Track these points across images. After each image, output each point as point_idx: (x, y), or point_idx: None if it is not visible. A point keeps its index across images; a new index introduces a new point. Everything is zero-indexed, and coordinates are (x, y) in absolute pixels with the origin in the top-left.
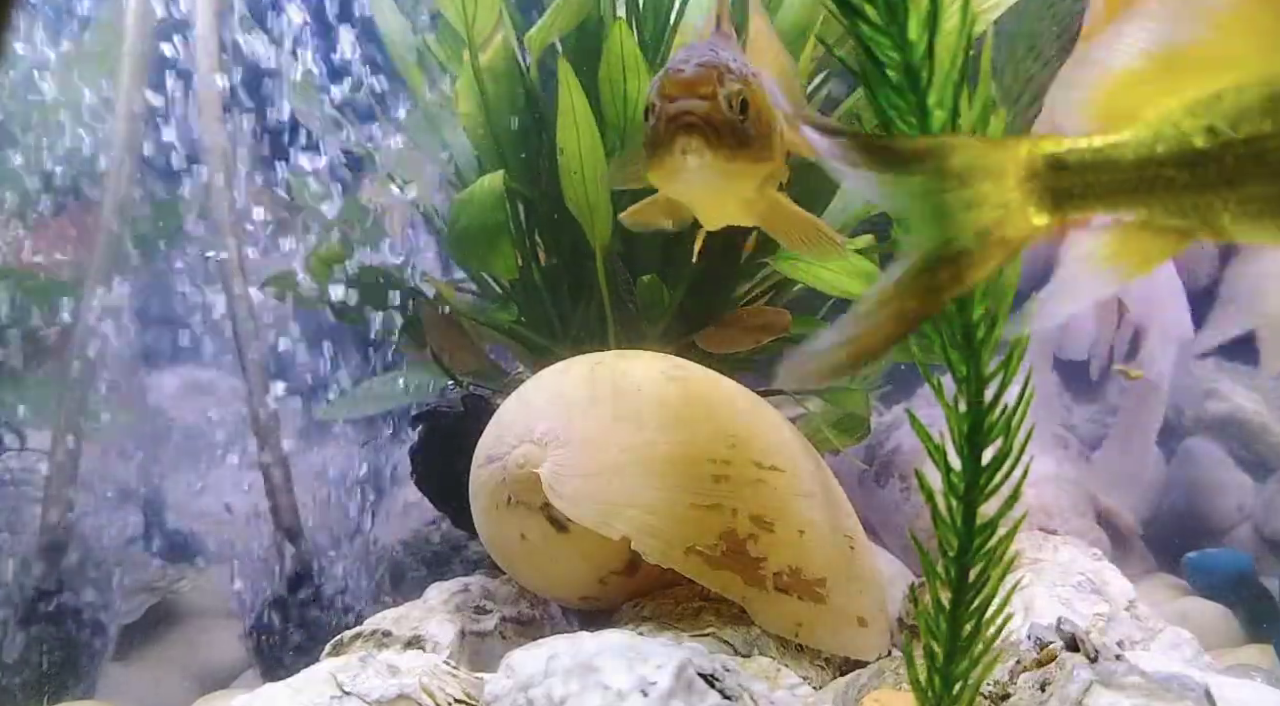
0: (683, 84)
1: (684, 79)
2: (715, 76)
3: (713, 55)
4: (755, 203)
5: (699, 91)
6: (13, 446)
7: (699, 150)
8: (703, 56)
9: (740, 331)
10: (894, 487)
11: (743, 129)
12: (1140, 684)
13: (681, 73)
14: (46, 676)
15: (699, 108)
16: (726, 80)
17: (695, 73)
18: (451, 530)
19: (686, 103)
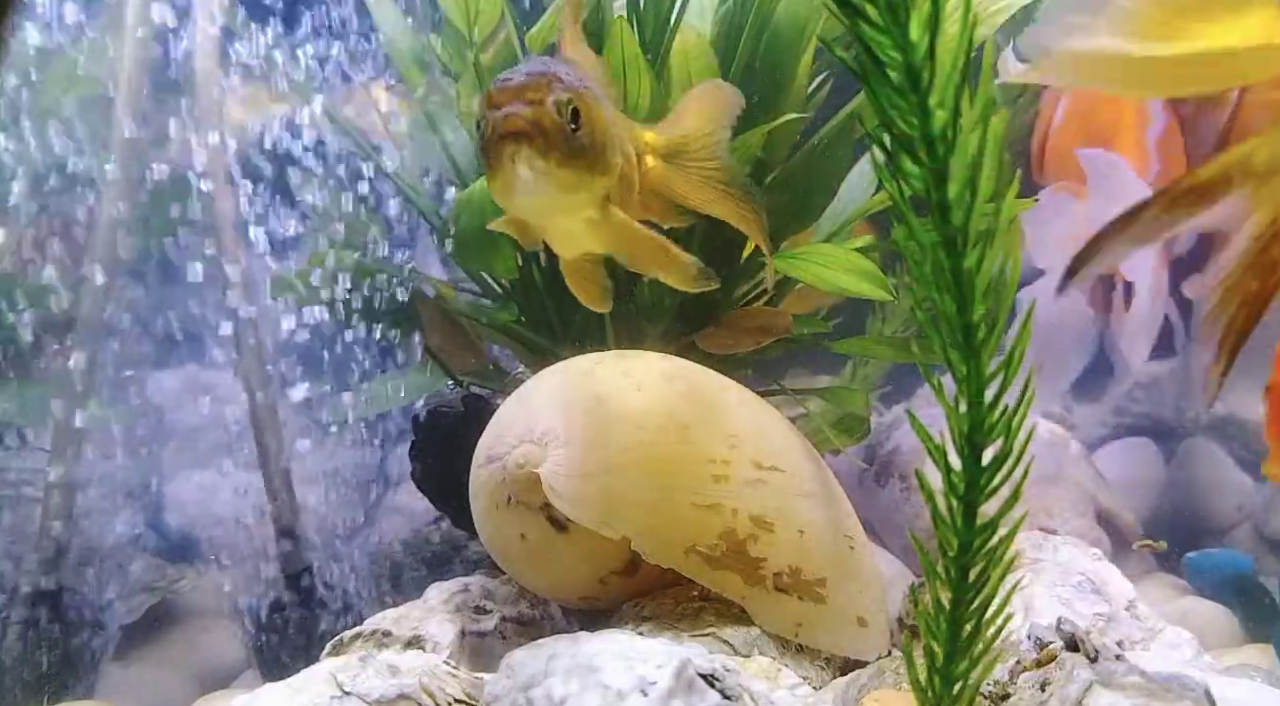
0: (509, 91)
1: (511, 86)
2: (543, 83)
3: (543, 66)
4: (601, 224)
5: (525, 97)
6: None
7: (528, 158)
8: (532, 67)
9: (740, 332)
10: (894, 487)
11: (574, 138)
12: (1140, 684)
13: (509, 81)
14: (46, 676)
15: (525, 113)
16: (555, 88)
17: (522, 80)
18: (451, 530)
19: (513, 108)
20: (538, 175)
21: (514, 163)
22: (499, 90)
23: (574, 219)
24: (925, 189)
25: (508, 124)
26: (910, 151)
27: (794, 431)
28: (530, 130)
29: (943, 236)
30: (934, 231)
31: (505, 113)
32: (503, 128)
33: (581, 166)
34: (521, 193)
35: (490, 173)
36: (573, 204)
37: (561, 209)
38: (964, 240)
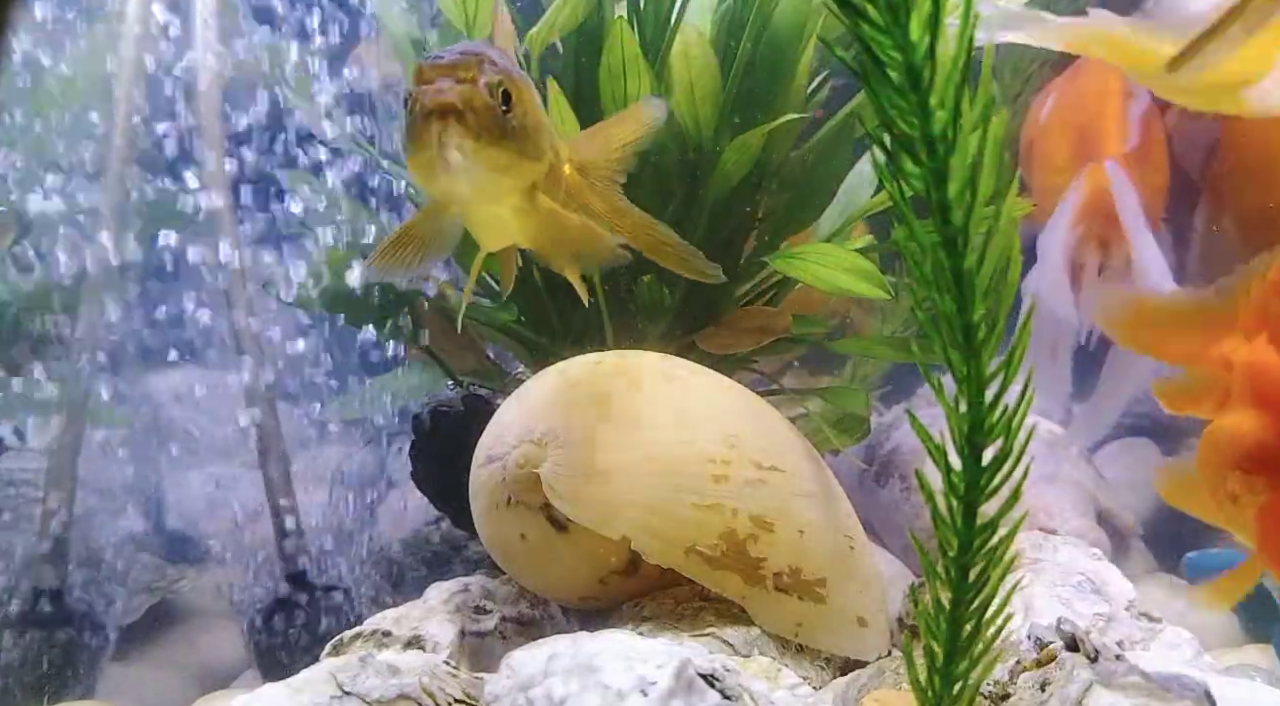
0: (440, 68)
1: (442, 63)
2: (475, 63)
3: (476, 47)
4: (530, 213)
5: (457, 75)
6: (13, 446)
7: (459, 138)
8: (465, 46)
9: (740, 331)
10: (894, 487)
11: (504, 120)
12: (1140, 684)
13: (440, 58)
14: (46, 676)
15: (458, 92)
16: (488, 68)
17: (455, 58)
18: (451, 530)
19: (444, 85)
20: (466, 155)
21: (442, 141)
22: (430, 66)
23: (500, 206)
24: (925, 189)
25: (437, 100)
26: (910, 151)
27: (794, 431)
28: (461, 108)
29: (943, 236)
30: (934, 231)
31: (435, 89)
32: (431, 104)
33: (511, 149)
34: (447, 172)
35: (414, 151)
36: (500, 188)
37: (488, 193)
38: (964, 240)
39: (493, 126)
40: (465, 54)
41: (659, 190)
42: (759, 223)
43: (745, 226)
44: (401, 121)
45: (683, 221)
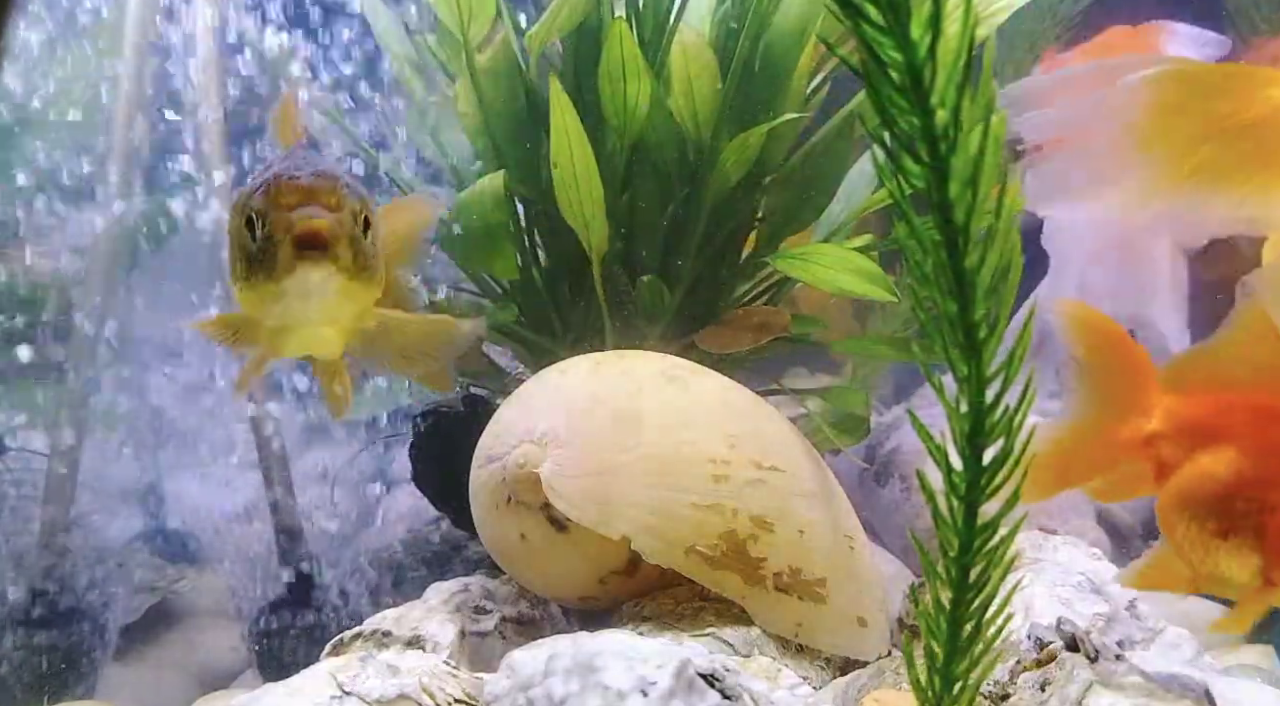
0: (305, 192)
1: (302, 185)
2: (338, 187)
3: (328, 166)
4: (362, 324)
5: (323, 201)
6: (13, 446)
7: (327, 272)
8: (315, 164)
9: (740, 331)
10: (894, 487)
11: (366, 249)
12: (1140, 684)
13: (298, 180)
14: (46, 676)
15: (326, 221)
16: (349, 194)
17: (316, 181)
18: (451, 530)
19: (310, 212)
20: (329, 285)
21: (306, 272)
22: (288, 188)
23: (336, 324)
24: (926, 188)
25: (307, 229)
26: (911, 150)
27: (794, 431)
28: (330, 240)
29: (944, 235)
30: (935, 230)
31: (303, 216)
32: (301, 233)
33: (368, 277)
34: (303, 302)
35: (264, 278)
36: (345, 312)
37: (330, 318)
38: (965, 239)
39: (358, 258)
40: (322, 176)
41: (659, 190)
42: (759, 223)
43: (745, 226)
44: (241, 242)
45: (683, 221)
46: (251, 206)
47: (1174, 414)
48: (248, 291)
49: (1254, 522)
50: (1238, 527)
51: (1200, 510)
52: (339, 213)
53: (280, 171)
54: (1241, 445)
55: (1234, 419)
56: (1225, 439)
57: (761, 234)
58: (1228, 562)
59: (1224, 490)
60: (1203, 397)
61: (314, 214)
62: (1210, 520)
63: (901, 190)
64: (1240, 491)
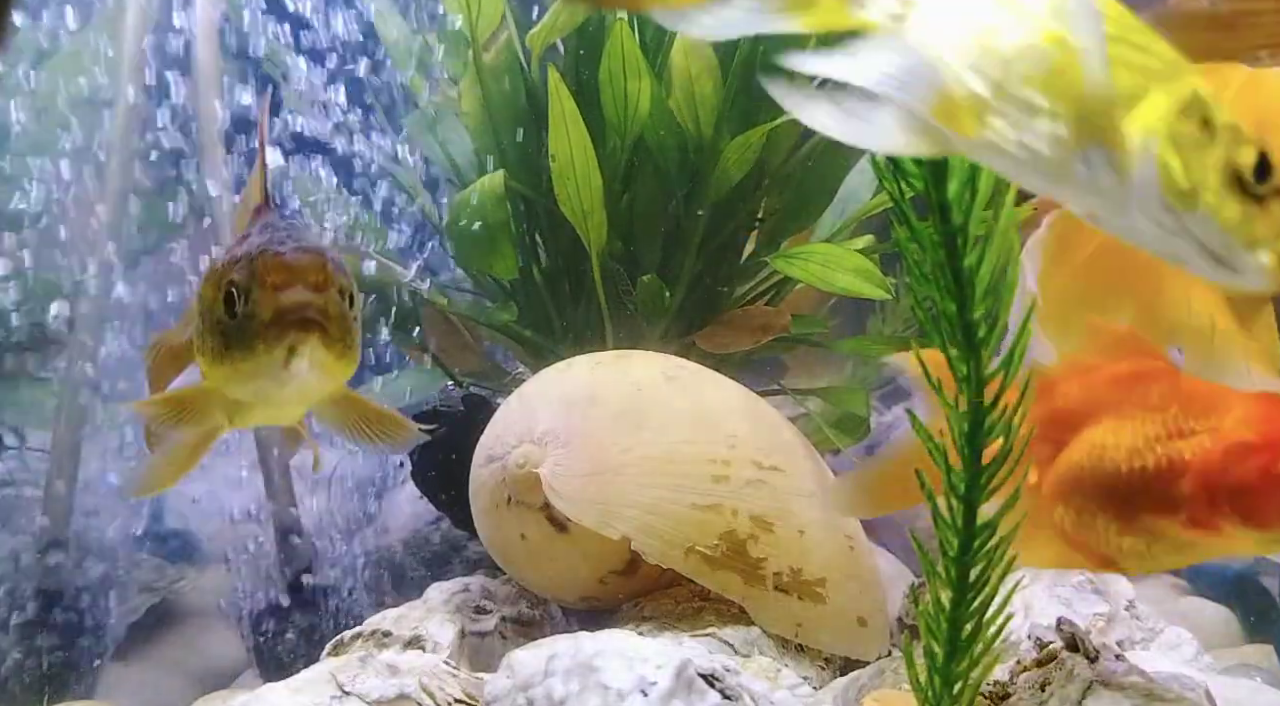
0: (293, 270)
1: (288, 263)
2: (324, 265)
3: (312, 242)
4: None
5: (312, 280)
6: (13, 446)
7: (313, 350)
8: (297, 238)
9: (740, 331)
10: None
11: (352, 325)
12: (1140, 684)
13: (285, 256)
14: (47, 676)
15: (316, 302)
16: (335, 270)
17: (302, 258)
18: (451, 530)
19: (300, 294)
20: (315, 366)
21: (294, 353)
22: (275, 264)
23: (308, 399)
24: (925, 188)
25: (298, 309)
26: None
27: (794, 431)
28: (321, 321)
29: (942, 236)
30: (934, 231)
31: (293, 299)
32: (292, 313)
33: (350, 354)
34: (285, 381)
35: (247, 356)
36: (323, 389)
37: (315, 395)
38: (964, 239)
39: (346, 337)
40: (308, 253)
41: (660, 190)
42: (759, 223)
43: (746, 226)
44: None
45: (683, 221)
46: (234, 281)
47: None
48: (221, 367)
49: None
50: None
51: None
52: (326, 292)
53: (264, 245)
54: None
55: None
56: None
57: (762, 234)
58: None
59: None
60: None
61: (303, 294)
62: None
63: (901, 191)
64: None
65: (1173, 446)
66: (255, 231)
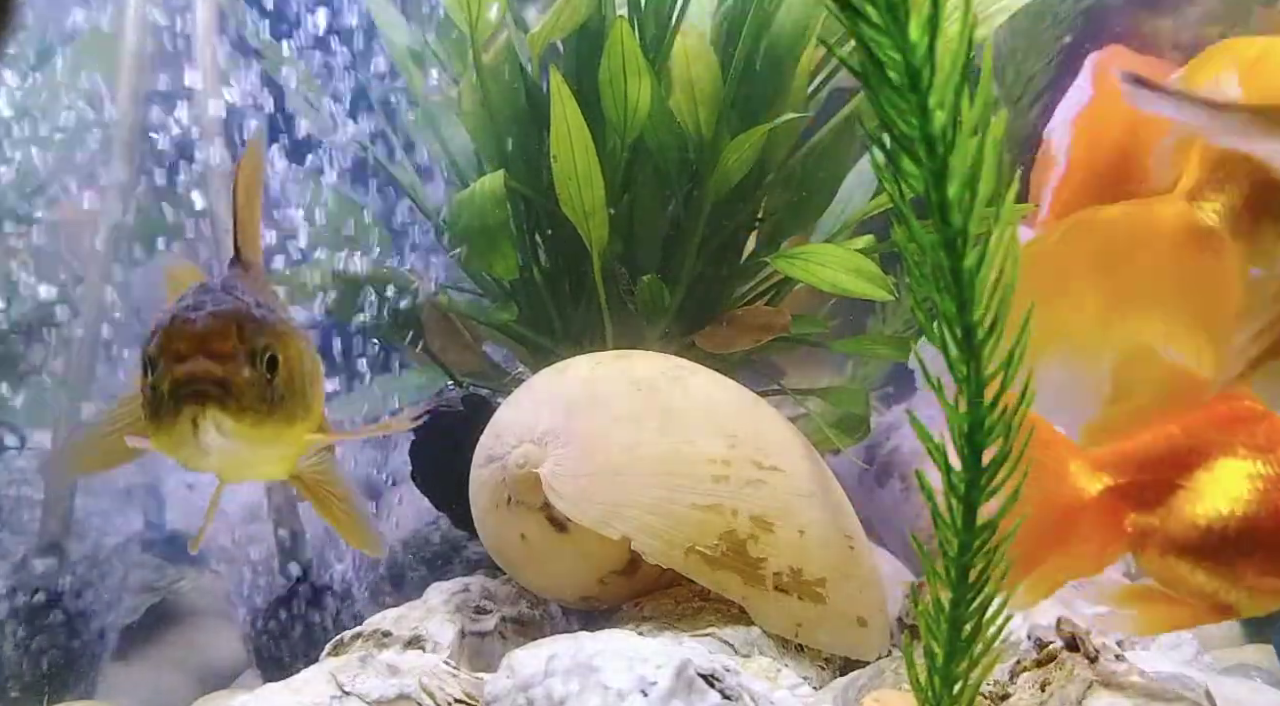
0: (193, 338)
1: (195, 332)
2: (232, 328)
3: (231, 300)
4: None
5: (213, 348)
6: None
7: (214, 421)
8: (219, 302)
9: (740, 331)
10: (894, 487)
11: (271, 390)
12: (1140, 684)
13: (190, 323)
14: (47, 676)
15: (213, 371)
16: (248, 331)
17: (208, 324)
18: (451, 530)
19: (197, 365)
20: (226, 435)
21: (196, 426)
22: (177, 333)
23: (263, 463)
24: (925, 189)
25: (187, 381)
26: (910, 151)
27: (794, 431)
28: (219, 391)
29: (943, 237)
30: (934, 232)
31: (187, 370)
32: (181, 384)
33: (278, 418)
34: (201, 451)
35: (160, 428)
36: (267, 457)
37: (258, 463)
38: (964, 240)
39: (257, 402)
40: (219, 316)
41: (660, 190)
42: (759, 223)
43: (745, 226)
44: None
45: (683, 221)
46: (147, 351)
47: (1119, 463)
48: (156, 440)
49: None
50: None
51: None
52: (231, 359)
53: (177, 311)
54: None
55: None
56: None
57: (762, 234)
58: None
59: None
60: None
61: (201, 364)
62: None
63: (900, 191)
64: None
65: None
66: (191, 296)
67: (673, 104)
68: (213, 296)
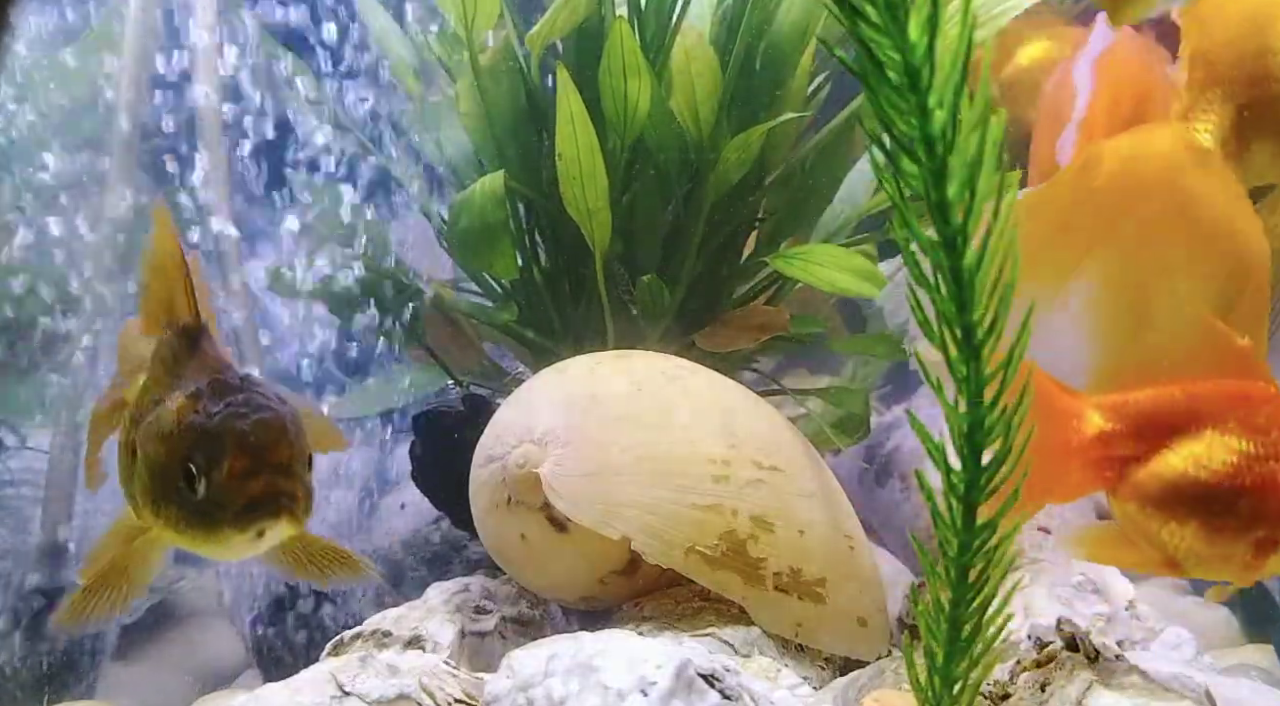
0: (256, 454)
1: (255, 444)
2: (285, 432)
3: (270, 405)
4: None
5: (277, 460)
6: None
7: (277, 530)
8: (256, 402)
9: (740, 331)
10: (894, 487)
11: (311, 486)
12: (1140, 684)
13: (245, 433)
14: (46, 676)
15: (285, 487)
16: (295, 436)
17: (265, 434)
18: (451, 530)
19: (272, 482)
20: (276, 538)
21: (261, 535)
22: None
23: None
24: (924, 189)
25: (266, 500)
26: (909, 151)
27: (794, 431)
28: (288, 505)
29: (942, 236)
30: (934, 231)
31: (264, 489)
32: (260, 500)
33: (308, 511)
34: (250, 552)
35: (202, 530)
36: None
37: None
38: (963, 240)
39: (309, 505)
40: (268, 421)
41: (659, 190)
42: (759, 223)
43: (745, 226)
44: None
45: (683, 221)
46: (193, 461)
47: (1120, 412)
48: (176, 534)
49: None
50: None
51: (1184, 504)
52: (292, 472)
53: (222, 420)
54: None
55: (1186, 407)
56: (1181, 428)
57: (762, 234)
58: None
59: (1209, 481)
60: (1144, 392)
61: (273, 479)
62: (1197, 511)
63: (900, 191)
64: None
65: (1268, 468)
66: (200, 380)
67: (672, 104)
68: (247, 397)
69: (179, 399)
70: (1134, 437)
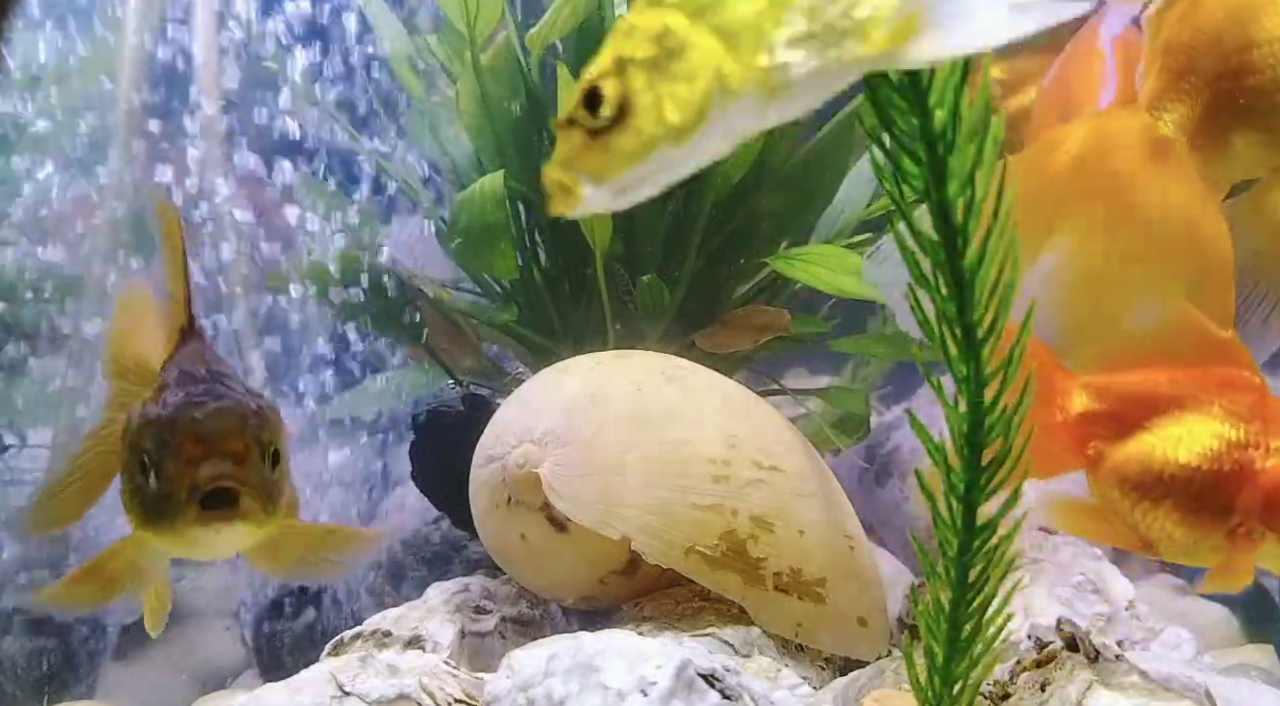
0: (204, 440)
1: (205, 431)
2: (242, 423)
3: (231, 394)
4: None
5: (229, 448)
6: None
7: (233, 525)
8: (217, 393)
9: (740, 331)
10: (894, 487)
11: (276, 485)
12: (1140, 684)
13: (197, 421)
14: (46, 676)
15: (233, 474)
16: (253, 426)
17: (219, 422)
18: (451, 530)
19: (215, 468)
20: (236, 534)
21: (215, 528)
22: (187, 435)
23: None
24: (925, 188)
25: (212, 485)
26: (909, 151)
27: (794, 431)
28: (239, 498)
29: (942, 236)
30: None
31: (210, 475)
32: (205, 489)
33: (276, 507)
34: (211, 548)
35: (164, 525)
36: (254, 538)
37: (244, 546)
38: (964, 240)
39: (268, 498)
40: (224, 412)
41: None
42: (759, 223)
43: (745, 226)
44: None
45: (683, 221)
46: (145, 449)
47: (1104, 393)
48: (147, 530)
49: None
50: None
51: (1159, 486)
52: (246, 462)
53: (176, 408)
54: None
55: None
56: (1163, 412)
57: (762, 234)
58: (1194, 531)
59: (1186, 465)
60: (1124, 376)
61: (218, 472)
62: (1172, 494)
63: (900, 191)
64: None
65: (1247, 456)
66: (172, 379)
67: None
68: (207, 387)
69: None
70: (1116, 419)
